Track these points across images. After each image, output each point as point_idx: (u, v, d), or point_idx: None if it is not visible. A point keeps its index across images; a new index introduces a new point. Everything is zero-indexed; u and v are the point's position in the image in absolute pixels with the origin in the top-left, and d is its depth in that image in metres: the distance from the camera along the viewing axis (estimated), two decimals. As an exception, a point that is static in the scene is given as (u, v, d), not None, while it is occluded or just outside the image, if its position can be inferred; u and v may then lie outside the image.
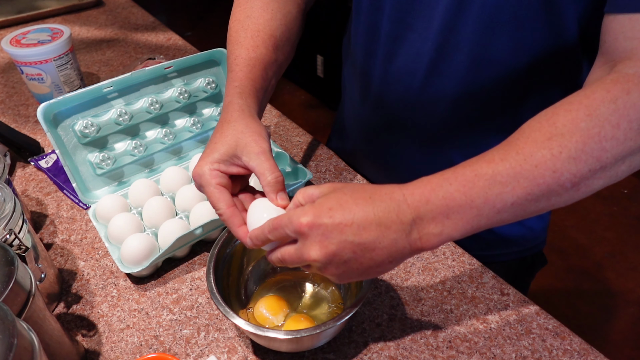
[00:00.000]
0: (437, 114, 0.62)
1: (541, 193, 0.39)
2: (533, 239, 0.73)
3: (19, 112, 0.94)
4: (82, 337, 0.55)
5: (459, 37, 0.54)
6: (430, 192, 0.39)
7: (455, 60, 0.56)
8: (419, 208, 0.39)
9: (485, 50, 0.54)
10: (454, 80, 0.57)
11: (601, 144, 0.38)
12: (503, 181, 0.38)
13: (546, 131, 0.39)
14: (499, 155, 0.39)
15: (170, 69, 0.72)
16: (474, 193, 0.38)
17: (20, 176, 0.79)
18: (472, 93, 0.58)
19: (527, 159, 0.38)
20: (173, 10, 3.57)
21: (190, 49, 1.15)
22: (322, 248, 0.39)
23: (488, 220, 0.39)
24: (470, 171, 0.39)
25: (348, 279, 0.42)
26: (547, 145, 0.38)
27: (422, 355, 0.52)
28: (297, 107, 2.60)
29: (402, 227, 0.39)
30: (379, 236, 0.38)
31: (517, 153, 0.39)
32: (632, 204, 1.99)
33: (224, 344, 0.54)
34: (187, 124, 0.75)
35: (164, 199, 0.67)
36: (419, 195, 0.39)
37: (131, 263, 0.59)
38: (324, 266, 0.40)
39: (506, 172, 0.38)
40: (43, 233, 0.69)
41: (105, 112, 0.68)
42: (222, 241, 0.54)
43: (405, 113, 0.64)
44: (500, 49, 0.54)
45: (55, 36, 0.89)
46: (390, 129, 0.68)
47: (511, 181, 0.38)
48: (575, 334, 0.54)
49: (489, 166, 0.39)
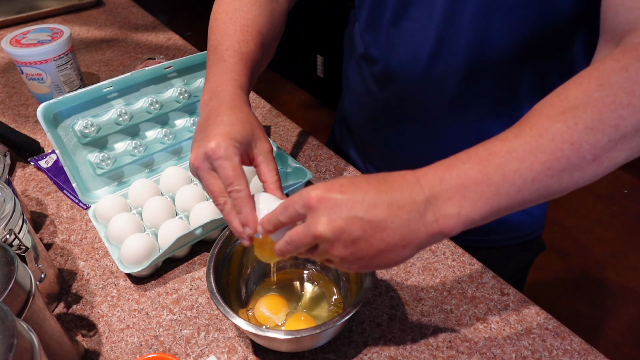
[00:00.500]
0: (439, 99, 0.63)
1: (561, 167, 0.36)
2: (532, 224, 0.73)
3: (18, 112, 0.94)
4: (82, 337, 0.55)
5: (459, 24, 0.55)
6: (443, 172, 0.37)
7: (456, 46, 0.56)
8: (433, 187, 0.37)
9: (484, 35, 0.54)
10: (454, 65, 0.58)
11: (618, 112, 0.36)
12: (520, 157, 0.36)
13: (558, 106, 0.38)
14: (513, 133, 0.38)
15: (170, 69, 0.72)
16: (490, 170, 0.36)
17: (20, 176, 0.79)
18: (472, 76, 0.58)
19: (543, 134, 0.37)
20: (173, 10, 3.57)
21: (190, 49, 1.15)
22: (330, 222, 0.37)
23: (509, 200, 0.37)
24: (484, 150, 0.38)
25: (357, 263, 0.39)
26: (561, 119, 0.37)
27: (422, 355, 0.52)
28: (297, 107, 2.60)
29: (415, 206, 0.37)
30: (391, 215, 0.37)
31: (531, 129, 0.37)
32: (632, 204, 1.99)
33: (224, 344, 0.54)
34: (187, 124, 0.75)
35: (164, 199, 0.67)
36: (432, 176, 0.37)
37: (131, 263, 0.59)
38: (331, 244, 0.38)
39: (522, 148, 0.37)
40: (43, 233, 0.69)
41: (105, 112, 0.68)
42: (222, 241, 0.54)
43: (408, 101, 0.65)
44: (498, 33, 0.54)
45: (55, 36, 0.89)
46: (394, 117, 0.69)
47: (528, 156, 0.36)
48: (575, 334, 0.54)
49: (503, 144, 0.37)
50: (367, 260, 0.38)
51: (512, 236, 0.73)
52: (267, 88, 0.64)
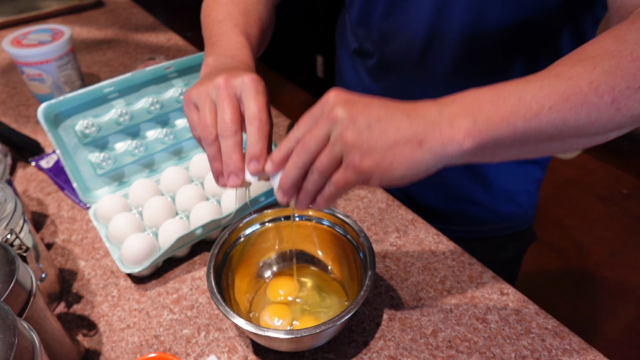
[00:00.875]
0: (433, 89, 0.63)
1: (579, 102, 0.35)
2: (523, 215, 0.76)
3: (19, 113, 0.94)
4: (83, 337, 0.55)
5: (450, 15, 0.56)
6: (455, 94, 0.37)
7: (447, 37, 0.58)
8: (445, 102, 0.36)
9: (475, 26, 0.56)
10: (446, 56, 0.59)
11: (635, 63, 0.36)
12: (537, 85, 0.36)
13: (576, 58, 0.37)
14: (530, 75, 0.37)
15: (170, 69, 0.72)
16: (506, 93, 0.36)
17: (21, 176, 0.79)
18: (465, 66, 0.60)
19: (560, 74, 0.36)
20: (173, 10, 3.57)
21: (190, 49, 1.15)
22: (347, 106, 0.36)
23: (526, 125, 0.35)
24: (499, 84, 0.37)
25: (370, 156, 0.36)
26: (579, 64, 0.36)
27: (422, 355, 0.52)
28: (297, 107, 2.60)
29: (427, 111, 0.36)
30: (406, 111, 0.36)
31: (549, 72, 0.37)
32: (632, 204, 1.99)
33: (224, 344, 0.54)
34: (187, 124, 0.75)
35: (164, 199, 0.67)
36: (443, 98, 0.37)
37: (131, 263, 0.59)
38: (345, 127, 0.36)
39: (540, 82, 0.36)
40: (44, 233, 0.69)
41: (105, 112, 0.68)
42: (223, 241, 0.54)
43: (403, 92, 0.66)
44: (489, 24, 0.55)
45: (56, 37, 0.89)
46: None
47: (546, 86, 0.35)
48: (574, 334, 0.54)
49: (518, 80, 0.36)
50: (380, 153, 0.35)
51: (504, 227, 0.75)
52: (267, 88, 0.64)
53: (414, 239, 0.65)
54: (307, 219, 0.58)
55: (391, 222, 0.68)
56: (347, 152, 0.36)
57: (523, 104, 0.35)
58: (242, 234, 0.57)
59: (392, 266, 0.62)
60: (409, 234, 0.66)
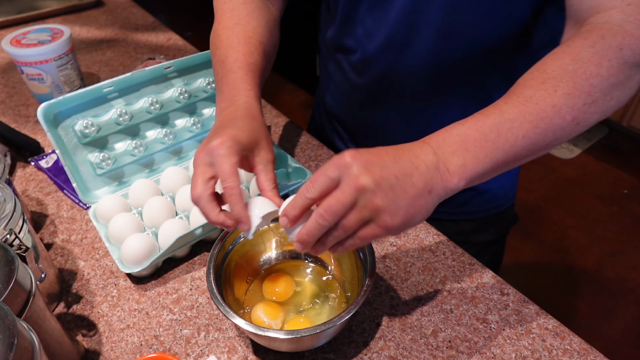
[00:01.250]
0: (416, 83, 0.66)
1: (546, 126, 0.43)
2: (503, 196, 0.79)
3: (19, 112, 0.94)
4: (83, 337, 0.55)
5: (426, 13, 0.59)
6: (444, 132, 0.43)
7: (424, 35, 0.60)
8: (437, 145, 0.42)
9: (451, 26, 0.59)
10: (425, 53, 0.62)
11: (589, 81, 0.43)
12: (510, 117, 0.42)
13: (539, 78, 0.44)
14: (502, 100, 0.44)
15: (170, 69, 0.72)
16: (486, 128, 0.42)
17: (21, 176, 0.79)
18: (443, 63, 0.63)
19: (528, 100, 0.43)
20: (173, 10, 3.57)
21: (190, 49, 1.15)
22: (369, 173, 0.39)
23: (505, 155, 0.43)
24: (480, 114, 0.43)
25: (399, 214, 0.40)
26: (542, 87, 0.43)
27: (422, 355, 0.52)
28: (297, 107, 2.60)
29: (428, 158, 0.41)
30: (414, 163, 0.41)
31: (518, 96, 0.44)
32: (632, 204, 1.99)
33: (224, 344, 0.54)
34: (187, 124, 0.75)
35: (164, 199, 0.67)
36: (434, 137, 0.43)
37: (131, 263, 0.59)
38: (374, 194, 0.39)
39: (512, 111, 0.43)
40: (43, 233, 0.69)
41: (105, 112, 0.68)
42: (223, 241, 0.54)
43: (387, 86, 0.69)
44: (465, 24, 0.58)
45: (56, 36, 0.89)
46: (377, 103, 0.72)
47: (518, 117, 0.42)
48: (575, 334, 0.54)
49: (494, 108, 0.43)
50: (405, 209, 0.41)
51: (486, 207, 0.78)
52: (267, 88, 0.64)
53: (414, 239, 0.65)
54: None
55: (391, 222, 0.68)
56: (377, 214, 0.40)
57: (501, 138, 0.42)
58: (242, 234, 0.57)
59: (392, 266, 0.62)
60: (409, 234, 0.66)
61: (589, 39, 0.45)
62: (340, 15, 0.68)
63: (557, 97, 0.43)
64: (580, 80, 0.43)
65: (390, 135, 0.73)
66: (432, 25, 0.59)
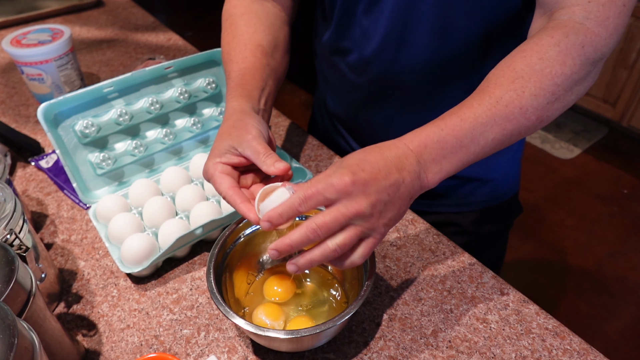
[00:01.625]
0: (414, 81, 0.67)
1: (513, 127, 0.47)
2: (507, 184, 0.80)
3: (19, 112, 0.94)
4: (83, 337, 0.55)
5: (419, 11, 0.60)
6: (426, 139, 0.45)
7: (419, 32, 0.62)
8: (420, 152, 0.45)
9: (445, 21, 0.60)
10: (421, 50, 0.63)
11: (553, 80, 0.46)
12: (484, 122, 0.46)
13: (509, 76, 0.47)
14: (476, 101, 0.47)
15: (170, 69, 0.72)
16: (462, 135, 0.45)
17: (21, 176, 0.79)
18: (441, 58, 0.64)
19: (499, 101, 0.46)
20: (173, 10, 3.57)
21: (190, 49, 1.15)
22: (367, 197, 0.42)
23: (475, 156, 0.47)
24: (456, 117, 0.46)
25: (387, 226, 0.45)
26: (512, 88, 0.46)
27: (422, 355, 0.52)
28: (297, 107, 2.60)
29: (412, 168, 0.44)
30: (401, 176, 0.44)
31: (490, 97, 0.46)
32: (632, 204, 1.99)
33: (224, 344, 0.54)
34: (187, 124, 0.75)
35: (164, 199, 0.67)
36: (417, 142, 0.45)
37: (131, 263, 0.59)
38: (370, 215, 0.43)
39: (485, 114, 0.46)
40: (43, 233, 0.69)
41: (105, 112, 0.68)
42: (222, 241, 0.54)
43: (386, 84, 0.69)
44: (458, 17, 0.60)
45: (56, 36, 0.89)
46: (377, 101, 0.73)
47: (489, 121, 0.46)
48: (574, 334, 0.54)
49: (470, 111, 0.46)
50: (393, 219, 0.45)
51: (490, 197, 0.79)
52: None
53: (414, 239, 0.65)
54: (306, 218, 0.58)
55: (391, 222, 0.68)
56: (375, 231, 0.44)
57: (474, 142, 0.46)
58: (242, 234, 0.57)
59: (392, 266, 0.62)
60: (409, 234, 0.66)
61: (555, 37, 0.47)
62: (337, 18, 0.69)
63: (525, 98, 0.46)
64: (546, 80, 0.46)
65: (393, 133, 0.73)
66: (426, 21, 0.61)
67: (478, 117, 0.46)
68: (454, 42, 0.62)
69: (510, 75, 0.47)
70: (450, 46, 0.62)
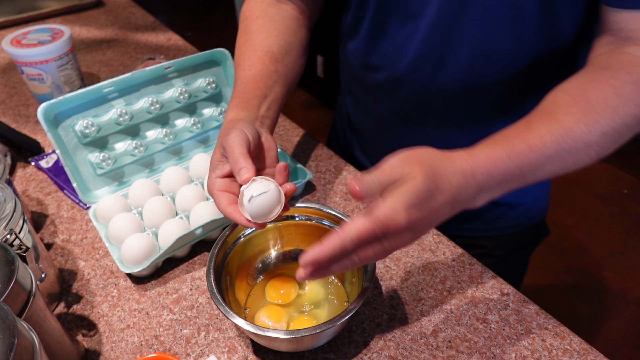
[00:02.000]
0: (446, 105, 0.64)
1: (572, 162, 0.45)
2: (537, 208, 0.77)
3: (19, 112, 0.94)
4: (83, 337, 0.55)
5: (461, 34, 0.57)
6: (494, 168, 0.43)
7: (459, 56, 0.58)
8: (483, 183, 0.43)
9: (488, 46, 0.57)
10: (459, 74, 0.60)
11: (624, 120, 0.44)
12: (549, 154, 0.43)
13: (581, 106, 0.44)
14: (546, 128, 0.44)
15: (170, 69, 0.72)
16: (525, 167, 0.43)
17: (21, 176, 0.79)
18: (480, 84, 0.60)
19: (569, 134, 0.43)
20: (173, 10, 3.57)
21: (190, 49, 1.15)
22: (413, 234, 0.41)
23: (525, 185, 0.45)
24: (525, 145, 0.43)
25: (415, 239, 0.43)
26: (584, 121, 0.43)
27: (422, 355, 0.52)
28: (297, 107, 2.60)
29: (466, 199, 0.43)
30: (451, 210, 0.42)
31: (560, 127, 0.43)
32: (632, 204, 1.99)
33: (224, 344, 0.54)
34: (187, 124, 0.75)
35: (164, 199, 0.67)
36: (485, 169, 0.42)
37: (131, 263, 0.59)
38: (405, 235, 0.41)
39: (552, 146, 0.43)
40: (43, 233, 0.69)
41: (105, 112, 0.68)
42: (222, 241, 0.54)
43: (417, 106, 0.66)
44: (502, 44, 0.56)
45: (56, 36, 0.89)
46: (404, 122, 0.70)
47: (555, 155, 0.43)
48: (574, 334, 0.54)
49: (539, 140, 0.43)
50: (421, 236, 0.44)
51: (519, 222, 0.76)
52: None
53: (414, 239, 0.65)
54: (307, 218, 0.58)
55: (391, 222, 0.68)
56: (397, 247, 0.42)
57: (532, 174, 0.44)
58: (242, 234, 0.57)
59: (392, 266, 0.62)
60: (409, 234, 0.66)
61: (633, 74, 0.45)
62: (367, 30, 0.65)
63: (594, 134, 0.43)
64: (619, 119, 0.44)
65: None
66: (467, 45, 0.57)
67: (545, 148, 0.43)
68: (496, 68, 0.58)
69: (582, 105, 0.44)
70: (492, 72, 0.59)
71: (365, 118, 0.77)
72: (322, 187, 0.74)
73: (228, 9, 3.23)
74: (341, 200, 0.72)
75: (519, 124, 0.45)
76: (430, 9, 0.56)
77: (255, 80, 0.59)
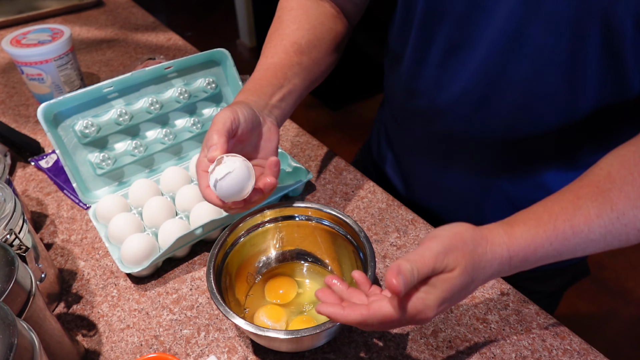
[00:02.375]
0: (487, 147, 0.61)
1: (617, 244, 0.42)
2: None
3: (19, 112, 0.94)
4: (83, 337, 0.55)
5: (510, 74, 0.53)
6: (532, 254, 0.41)
7: (507, 94, 0.55)
8: (517, 266, 0.41)
9: (539, 89, 0.53)
10: (505, 115, 0.56)
11: None
12: (594, 239, 0.41)
13: (638, 186, 0.41)
14: (594, 210, 0.41)
15: (170, 69, 0.72)
16: (565, 250, 0.41)
17: (21, 176, 0.79)
18: (526, 129, 0.56)
19: (620, 218, 0.40)
20: (173, 10, 3.57)
21: (190, 49, 1.15)
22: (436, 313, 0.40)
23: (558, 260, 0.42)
24: (569, 227, 0.41)
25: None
26: (638, 205, 0.40)
27: (422, 355, 0.52)
28: (297, 107, 2.59)
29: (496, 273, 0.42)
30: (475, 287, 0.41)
31: (612, 210, 0.40)
32: (632, 204, 1.98)
33: (224, 344, 0.54)
34: (187, 124, 0.75)
35: (164, 199, 0.67)
36: (523, 256, 0.41)
37: (131, 263, 0.59)
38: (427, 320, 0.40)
39: (599, 231, 0.40)
40: (43, 233, 0.69)
41: (105, 112, 0.68)
42: (222, 241, 0.54)
43: (455, 139, 0.63)
44: (553, 89, 0.52)
45: (56, 36, 0.89)
46: (439, 153, 0.67)
47: (600, 239, 0.41)
48: (575, 334, 0.54)
49: (585, 224, 0.41)
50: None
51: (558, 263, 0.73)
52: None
53: (414, 239, 0.65)
54: (307, 218, 0.58)
55: (391, 222, 0.68)
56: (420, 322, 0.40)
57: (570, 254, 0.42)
58: (242, 234, 0.57)
59: (392, 266, 0.62)
60: (409, 234, 0.66)
61: None
62: (409, 53, 0.61)
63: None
64: None
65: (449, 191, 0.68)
66: (518, 87, 0.53)
67: (591, 233, 0.40)
68: (545, 113, 0.54)
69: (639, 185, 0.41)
70: (540, 117, 0.55)
71: (400, 135, 0.74)
72: (322, 187, 0.74)
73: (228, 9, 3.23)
74: (341, 200, 0.72)
75: (566, 197, 0.42)
76: (483, 42, 0.53)
77: (275, 68, 0.58)
